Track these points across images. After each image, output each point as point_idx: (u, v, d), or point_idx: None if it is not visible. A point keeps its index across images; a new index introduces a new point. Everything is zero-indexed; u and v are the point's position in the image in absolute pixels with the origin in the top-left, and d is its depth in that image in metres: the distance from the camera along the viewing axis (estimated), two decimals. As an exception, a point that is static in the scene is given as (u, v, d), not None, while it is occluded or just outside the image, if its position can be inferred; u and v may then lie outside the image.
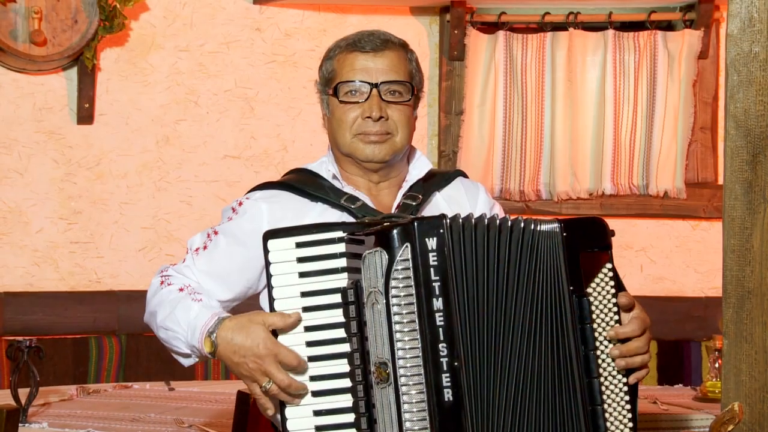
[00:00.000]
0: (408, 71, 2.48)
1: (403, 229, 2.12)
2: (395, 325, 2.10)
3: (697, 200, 5.03)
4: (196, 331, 2.29)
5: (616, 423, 2.18)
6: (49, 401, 3.46)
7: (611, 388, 2.18)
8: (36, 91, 4.70)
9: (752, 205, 2.08)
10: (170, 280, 2.43)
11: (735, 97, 2.09)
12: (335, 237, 2.23)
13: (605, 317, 2.19)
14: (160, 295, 2.41)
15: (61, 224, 4.71)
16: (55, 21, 4.54)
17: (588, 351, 2.16)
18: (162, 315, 2.38)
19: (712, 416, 3.22)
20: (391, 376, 2.10)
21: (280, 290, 2.23)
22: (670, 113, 4.96)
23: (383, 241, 2.12)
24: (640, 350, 2.20)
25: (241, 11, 4.89)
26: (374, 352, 2.14)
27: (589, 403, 2.16)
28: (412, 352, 2.10)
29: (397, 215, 2.36)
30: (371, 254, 2.13)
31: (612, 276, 2.20)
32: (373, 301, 2.13)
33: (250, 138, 4.90)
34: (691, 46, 4.94)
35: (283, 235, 2.25)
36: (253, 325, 2.23)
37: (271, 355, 2.20)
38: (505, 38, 4.94)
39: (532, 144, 4.95)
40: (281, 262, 2.23)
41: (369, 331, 2.15)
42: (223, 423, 3.20)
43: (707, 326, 4.89)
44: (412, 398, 2.09)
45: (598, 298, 2.19)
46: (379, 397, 2.13)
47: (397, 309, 2.10)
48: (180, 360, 2.44)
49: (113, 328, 4.70)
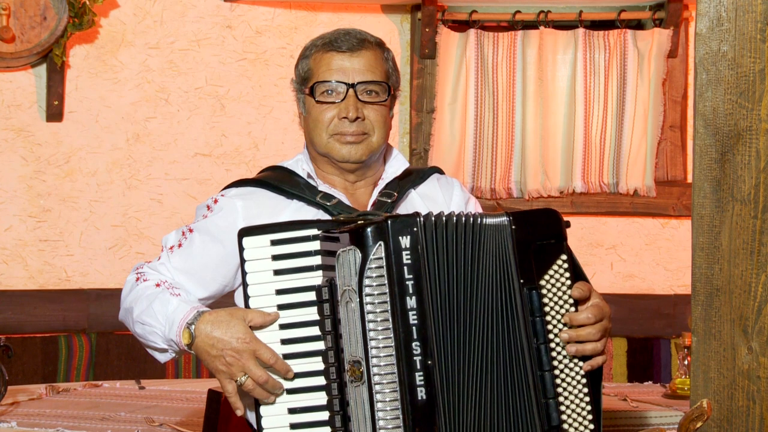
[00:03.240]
0: (384, 71, 2.48)
1: (377, 228, 2.12)
2: (369, 323, 2.11)
3: (667, 198, 5.06)
4: (174, 325, 2.28)
5: (574, 416, 2.18)
6: (18, 400, 3.43)
7: (567, 380, 2.19)
8: (4, 88, 4.66)
9: (721, 203, 2.09)
10: (146, 276, 2.42)
11: (704, 96, 2.10)
12: (310, 234, 2.24)
13: (560, 309, 2.19)
14: (136, 291, 2.40)
15: (30, 222, 4.68)
16: (24, 17, 4.50)
17: (539, 344, 2.17)
18: (138, 310, 2.37)
19: (681, 413, 3.24)
20: (364, 374, 2.11)
21: (255, 288, 2.23)
22: (639, 111, 4.99)
23: (357, 239, 2.12)
24: (591, 336, 2.19)
25: (212, 9, 4.88)
26: (348, 351, 2.14)
27: (543, 396, 2.16)
28: (385, 351, 2.10)
29: (372, 213, 2.36)
30: (345, 252, 2.14)
31: (567, 267, 2.20)
32: (347, 299, 2.14)
33: (221, 136, 4.89)
34: (661, 44, 4.97)
35: (258, 233, 2.24)
36: (233, 320, 2.22)
37: (249, 351, 2.20)
38: (476, 36, 4.95)
39: (504, 142, 4.97)
40: (256, 260, 2.23)
41: (343, 329, 2.16)
42: (194, 422, 3.19)
43: (676, 323, 4.93)
44: (386, 396, 2.10)
45: (551, 290, 2.19)
46: (353, 395, 2.14)
47: (370, 308, 2.11)
48: (155, 355, 2.42)
49: (83, 327, 4.67)
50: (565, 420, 2.17)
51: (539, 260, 2.18)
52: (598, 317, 2.22)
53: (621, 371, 4.93)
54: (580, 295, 2.20)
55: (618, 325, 4.97)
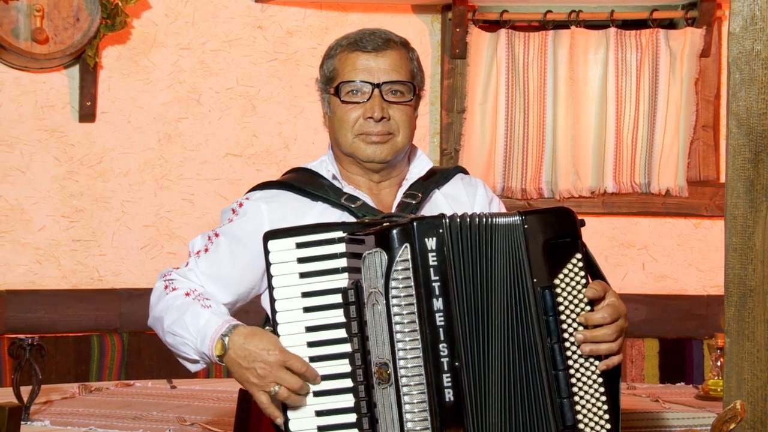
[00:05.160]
0: (409, 71, 2.47)
1: (403, 230, 2.12)
2: (395, 325, 2.11)
3: (699, 198, 5.02)
4: (206, 338, 2.30)
5: (590, 416, 2.17)
6: (51, 399, 3.46)
7: (583, 380, 2.17)
8: (38, 89, 4.70)
9: (754, 204, 2.08)
10: (175, 284, 2.43)
11: (737, 96, 2.08)
12: (335, 237, 2.24)
13: (575, 308, 2.18)
14: (165, 301, 2.41)
15: (63, 222, 4.71)
16: (57, 19, 4.54)
17: (553, 343, 2.15)
18: (169, 320, 2.38)
19: (714, 415, 3.22)
20: (392, 376, 2.11)
21: (281, 290, 2.24)
22: (672, 111, 4.96)
23: (383, 241, 2.12)
24: (606, 337, 2.17)
25: (243, 9, 4.89)
26: (375, 353, 2.15)
27: (557, 396, 2.15)
28: (412, 353, 2.10)
29: (398, 214, 2.35)
30: (371, 254, 2.13)
31: (582, 266, 2.18)
32: (374, 301, 2.14)
33: (252, 136, 4.90)
34: (693, 44, 4.94)
35: (284, 236, 2.25)
36: (265, 333, 2.24)
37: (279, 362, 2.20)
38: (507, 36, 4.94)
39: (534, 142, 4.95)
40: (282, 263, 2.24)
41: (370, 331, 2.16)
42: (225, 421, 3.20)
43: (709, 324, 4.89)
44: (413, 398, 2.10)
45: (566, 289, 2.17)
46: (380, 397, 2.14)
47: (397, 309, 2.11)
48: (186, 365, 2.44)
49: (115, 326, 4.70)
50: (580, 420, 2.16)
51: (553, 259, 2.17)
52: (614, 317, 2.20)
53: (653, 372, 4.90)
54: (593, 294, 2.19)
55: (650, 325, 4.95)
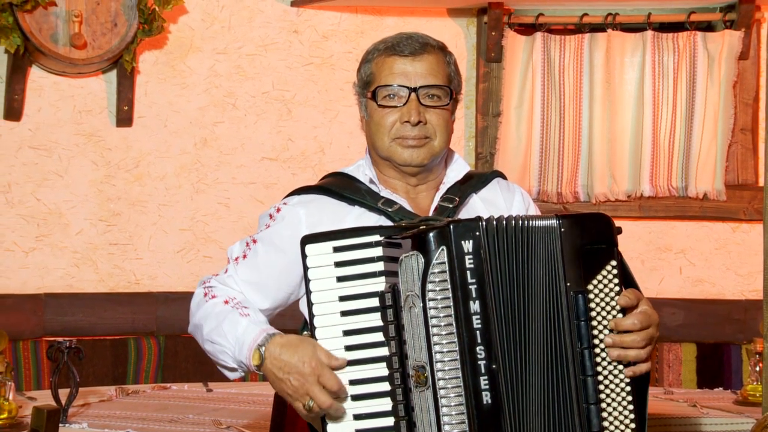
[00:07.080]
0: (446, 75, 2.47)
1: (439, 233, 2.12)
2: (432, 328, 2.10)
3: (737, 202, 4.98)
4: (244, 347, 2.31)
5: (616, 423, 2.15)
6: (89, 402, 3.48)
7: (611, 387, 2.16)
8: (76, 93, 4.73)
9: (793, 208, 2.06)
10: (214, 292, 2.44)
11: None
12: (372, 241, 2.24)
13: (607, 315, 2.16)
14: (204, 308, 2.42)
15: (101, 226, 4.75)
16: (95, 24, 4.57)
17: (583, 348, 2.14)
18: (208, 328, 2.39)
19: (752, 420, 3.20)
20: (429, 379, 2.10)
21: (319, 294, 2.24)
22: (709, 114, 4.93)
23: (419, 244, 2.12)
24: (635, 344, 2.16)
25: (279, 14, 4.91)
26: (412, 356, 2.14)
27: (584, 402, 2.14)
28: (449, 355, 2.10)
29: (434, 218, 2.35)
30: (408, 258, 2.13)
31: (617, 273, 2.16)
32: (411, 304, 2.13)
33: (288, 140, 4.91)
34: (732, 46, 4.90)
35: (321, 240, 2.25)
36: (302, 344, 2.24)
37: (314, 375, 2.20)
38: (543, 40, 4.92)
39: (570, 146, 4.93)
40: (319, 267, 2.24)
41: (407, 334, 2.15)
42: (261, 425, 3.21)
43: (747, 329, 4.85)
44: (451, 401, 2.09)
45: (599, 295, 2.16)
46: (418, 401, 2.13)
47: (434, 312, 2.10)
48: (225, 372, 2.45)
49: (152, 329, 4.72)
50: (606, 427, 2.14)
51: (588, 265, 2.16)
52: (645, 324, 2.18)
53: (690, 377, 4.87)
54: (626, 303, 2.17)
55: (687, 330, 4.91)
